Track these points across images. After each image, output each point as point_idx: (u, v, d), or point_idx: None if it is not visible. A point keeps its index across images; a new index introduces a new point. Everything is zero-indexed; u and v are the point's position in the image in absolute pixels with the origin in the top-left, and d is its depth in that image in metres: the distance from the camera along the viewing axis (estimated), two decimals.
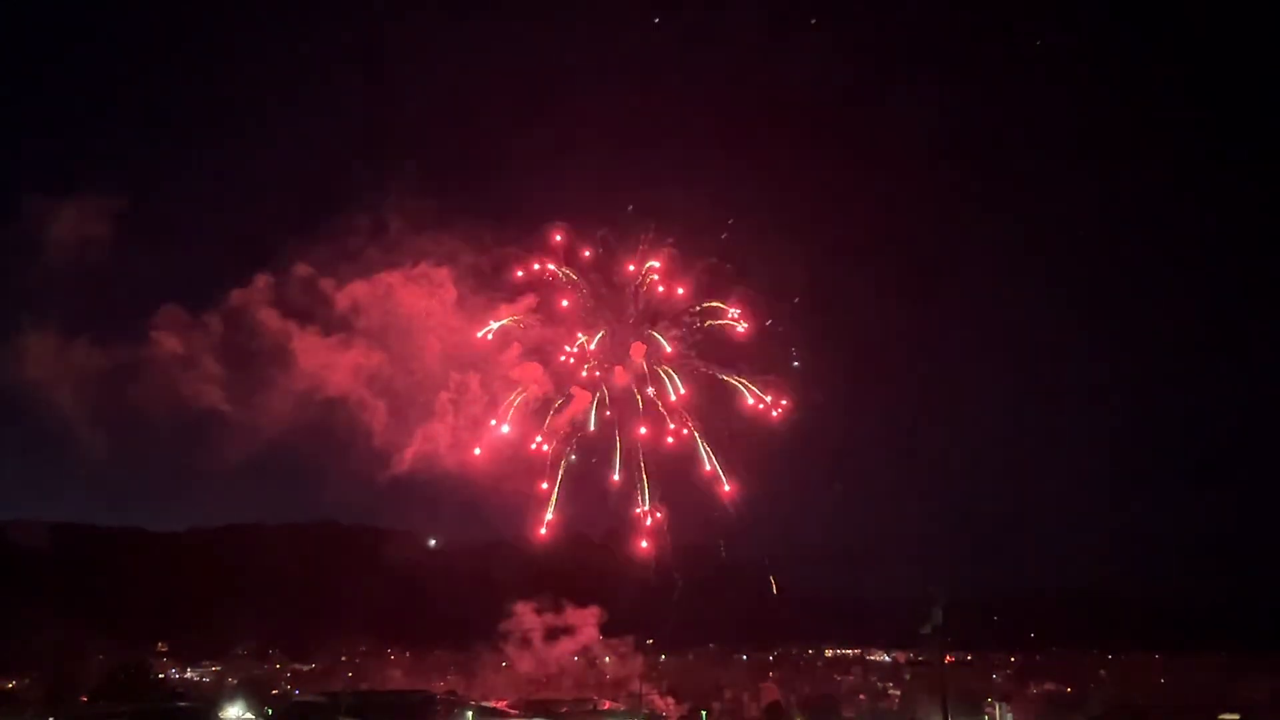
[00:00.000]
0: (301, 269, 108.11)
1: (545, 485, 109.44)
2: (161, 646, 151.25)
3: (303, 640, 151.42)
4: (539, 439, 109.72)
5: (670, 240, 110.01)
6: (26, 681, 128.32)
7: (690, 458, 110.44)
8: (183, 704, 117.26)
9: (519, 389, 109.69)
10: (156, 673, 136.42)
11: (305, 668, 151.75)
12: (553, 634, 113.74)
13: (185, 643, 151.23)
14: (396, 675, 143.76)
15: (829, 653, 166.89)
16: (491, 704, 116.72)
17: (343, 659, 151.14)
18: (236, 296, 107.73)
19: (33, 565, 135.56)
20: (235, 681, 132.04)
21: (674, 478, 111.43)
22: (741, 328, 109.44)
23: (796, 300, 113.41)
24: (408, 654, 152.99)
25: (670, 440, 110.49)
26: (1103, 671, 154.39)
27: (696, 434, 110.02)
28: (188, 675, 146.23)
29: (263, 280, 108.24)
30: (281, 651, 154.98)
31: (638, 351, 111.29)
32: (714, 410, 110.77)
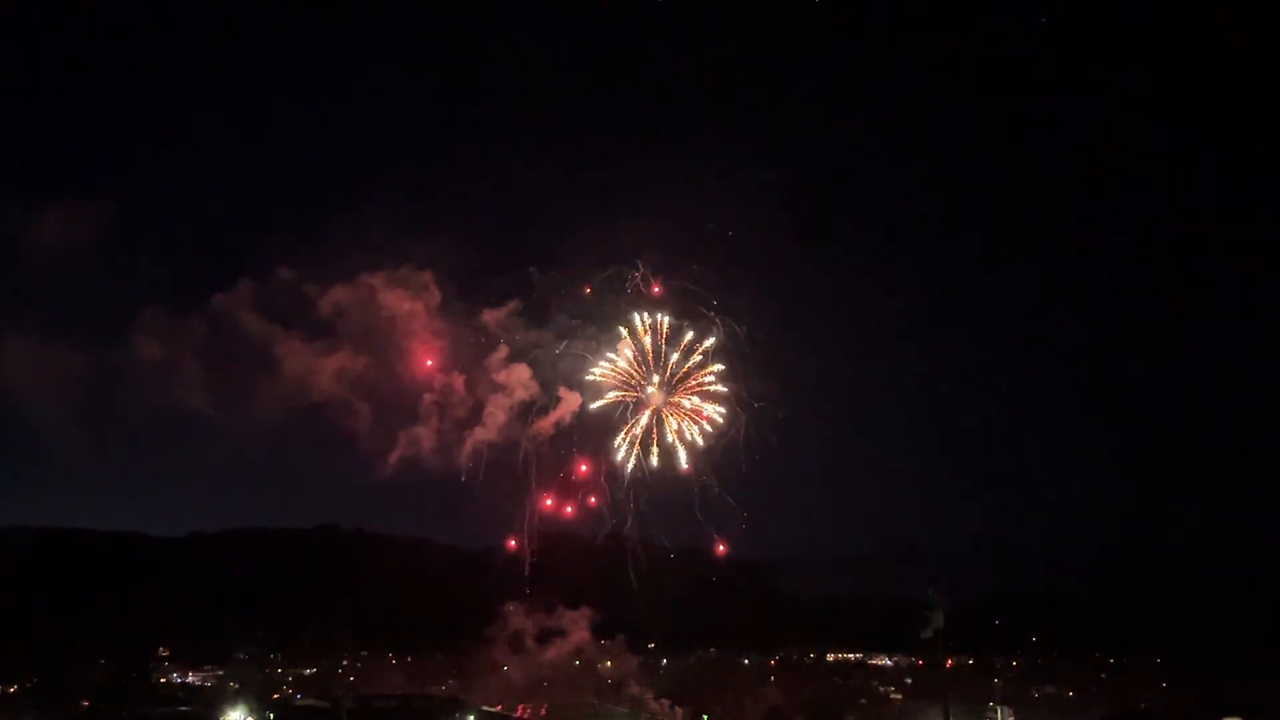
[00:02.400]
0: (287, 274, 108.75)
1: (520, 542, 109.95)
2: (163, 651, 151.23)
3: (303, 645, 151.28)
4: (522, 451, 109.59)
5: (649, 253, 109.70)
6: (28, 686, 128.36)
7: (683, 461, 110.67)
8: (184, 709, 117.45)
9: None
10: (158, 677, 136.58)
11: (306, 672, 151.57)
12: (546, 636, 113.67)
13: (186, 647, 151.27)
14: (397, 680, 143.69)
15: (831, 657, 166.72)
16: (495, 709, 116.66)
17: (343, 663, 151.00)
18: (225, 300, 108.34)
19: (32, 571, 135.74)
20: (236, 686, 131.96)
21: (668, 480, 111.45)
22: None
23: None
24: (408, 658, 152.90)
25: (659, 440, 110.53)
26: (1104, 675, 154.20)
27: (683, 441, 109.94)
28: (189, 679, 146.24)
29: (248, 286, 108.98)
30: (283, 656, 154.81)
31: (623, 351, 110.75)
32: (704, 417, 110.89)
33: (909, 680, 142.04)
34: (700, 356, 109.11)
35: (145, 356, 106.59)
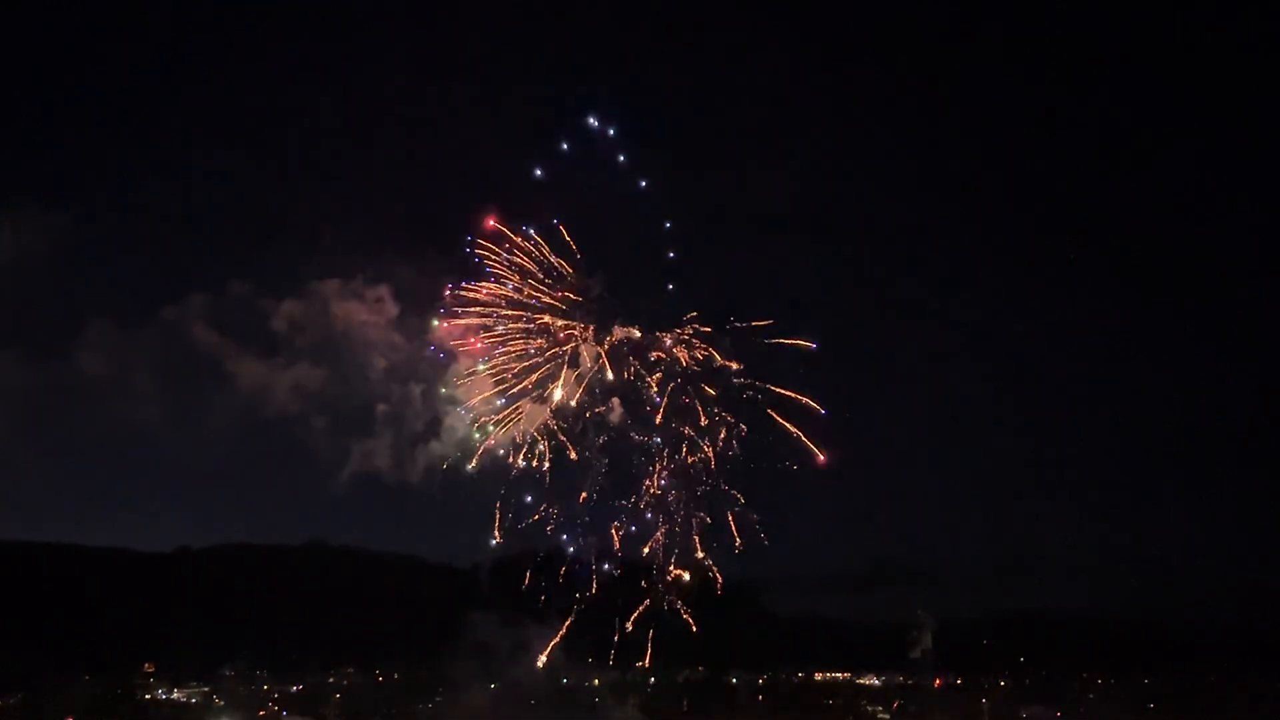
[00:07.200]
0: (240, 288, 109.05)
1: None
2: (148, 667, 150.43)
3: (290, 661, 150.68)
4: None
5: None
6: (11, 703, 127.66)
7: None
8: None
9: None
10: (143, 694, 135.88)
11: (293, 689, 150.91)
12: (519, 651, 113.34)
13: (172, 663, 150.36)
14: (384, 697, 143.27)
15: (819, 676, 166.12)
16: None
17: (330, 680, 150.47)
18: (209, 309, 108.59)
19: (13, 586, 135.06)
20: (222, 703, 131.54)
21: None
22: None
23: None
24: (395, 676, 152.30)
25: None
26: (1092, 695, 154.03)
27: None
28: (175, 696, 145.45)
29: (229, 294, 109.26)
30: (269, 673, 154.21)
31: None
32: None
33: (897, 702, 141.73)
34: None
35: (130, 367, 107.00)
